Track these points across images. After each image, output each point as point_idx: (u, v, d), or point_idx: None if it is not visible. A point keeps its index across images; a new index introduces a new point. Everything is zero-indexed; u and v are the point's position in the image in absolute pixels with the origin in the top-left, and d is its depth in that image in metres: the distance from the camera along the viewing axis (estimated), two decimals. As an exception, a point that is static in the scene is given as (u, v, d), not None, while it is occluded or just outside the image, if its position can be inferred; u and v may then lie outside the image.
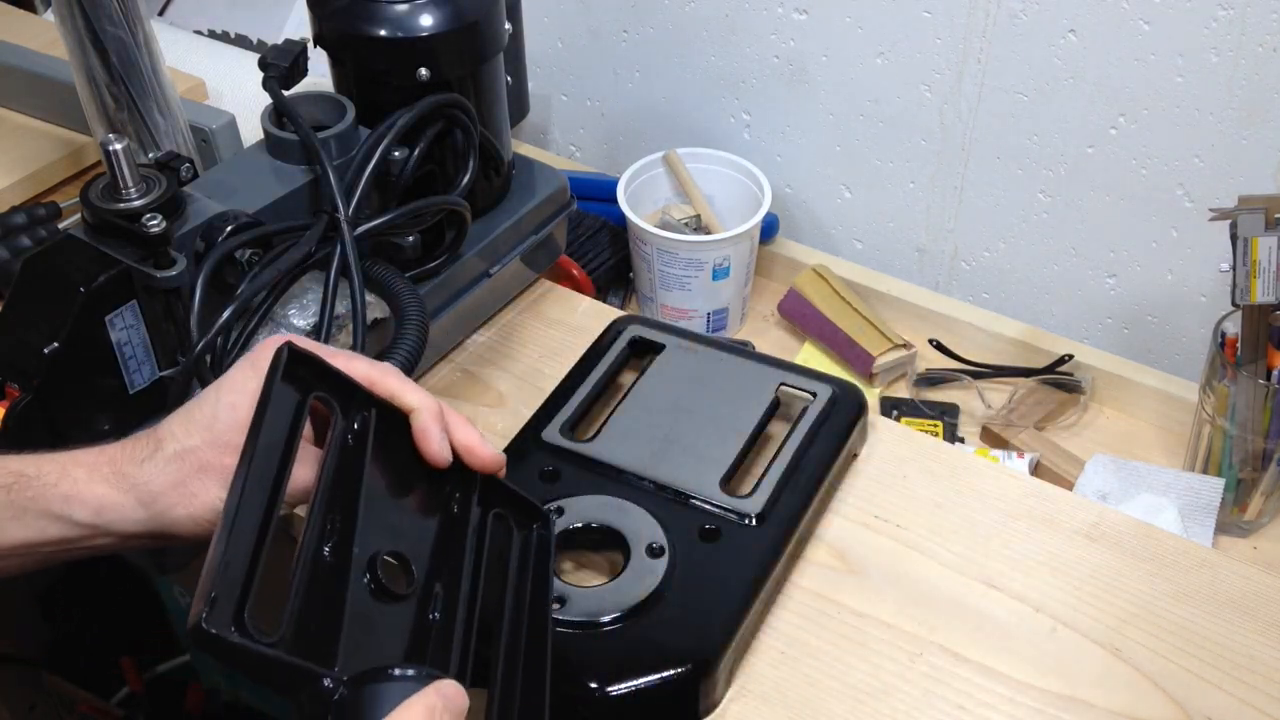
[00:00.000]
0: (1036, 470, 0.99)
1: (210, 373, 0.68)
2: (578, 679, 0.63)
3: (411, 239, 0.78)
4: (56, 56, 1.03)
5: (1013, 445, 1.02)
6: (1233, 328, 0.91)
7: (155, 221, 0.68)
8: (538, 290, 0.93)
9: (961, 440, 1.04)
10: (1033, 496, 0.77)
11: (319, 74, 0.86)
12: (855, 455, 0.79)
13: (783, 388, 0.80)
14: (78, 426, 0.69)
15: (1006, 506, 0.76)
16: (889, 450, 0.80)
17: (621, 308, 1.13)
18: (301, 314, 0.73)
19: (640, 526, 0.70)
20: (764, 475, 0.74)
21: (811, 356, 1.11)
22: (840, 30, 1.07)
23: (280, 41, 0.81)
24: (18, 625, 1.29)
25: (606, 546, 0.71)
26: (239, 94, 1.10)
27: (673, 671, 0.63)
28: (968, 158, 1.08)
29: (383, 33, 0.77)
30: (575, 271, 1.07)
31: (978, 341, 1.11)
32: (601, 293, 1.13)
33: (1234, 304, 0.88)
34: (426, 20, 0.77)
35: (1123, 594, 0.71)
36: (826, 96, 1.12)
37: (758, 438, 0.77)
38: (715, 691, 0.65)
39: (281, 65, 0.79)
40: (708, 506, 0.72)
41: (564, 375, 0.82)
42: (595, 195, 1.14)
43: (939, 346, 1.11)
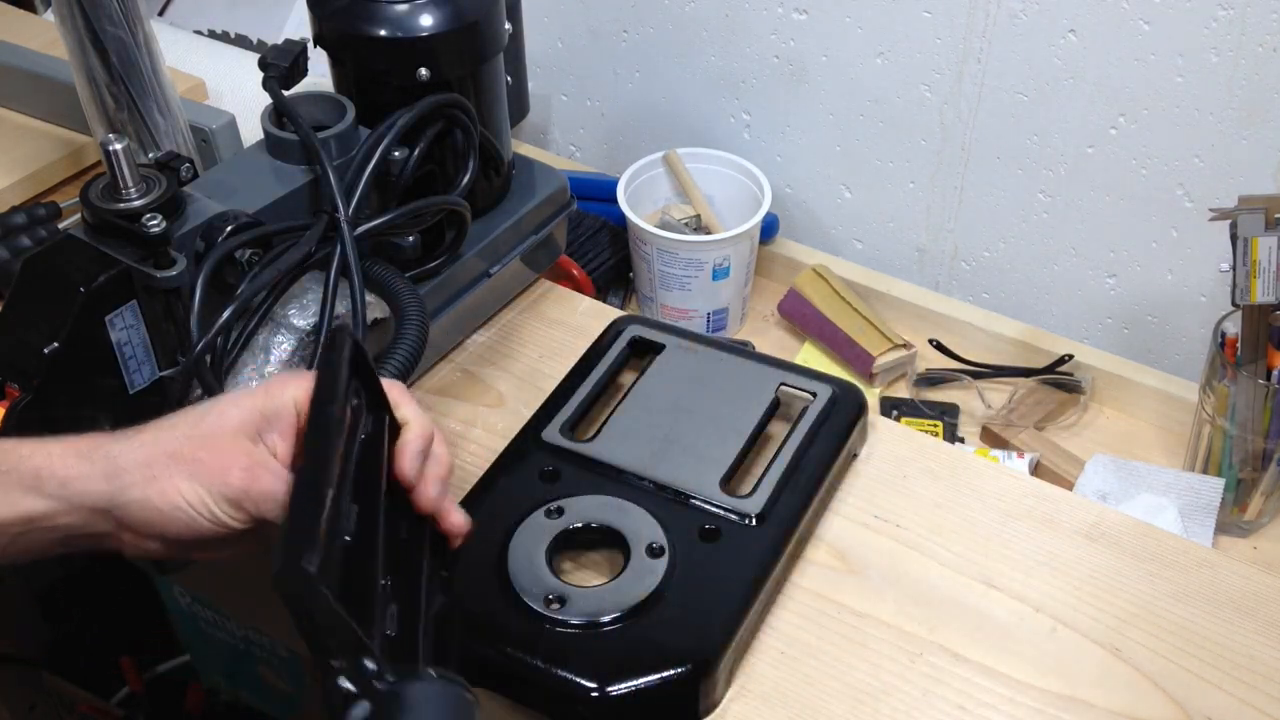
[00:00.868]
0: (1036, 470, 0.99)
1: (210, 373, 0.68)
2: (578, 679, 0.63)
3: (411, 239, 0.78)
4: (56, 56, 1.03)
5: (1013, 445, 1.02)
6: (1233, 328, 0.91)
7: (155, 221, 0.68)
8: (538, 290, 0.93)
9: (961, 440, 1.04)
10: (1033, 496, 0.77)
11: (319, 74, 0.86)
12: (855, 455, 0.79)
13: (783, 388, 0.80)
14: (78, 427, 0.68)
15: (1006, 506, 0.76)
16: (889, 450, 0.80)
17: (621, 308, 1.13)
18: (301, 314, 0.73)
19: (640, 526, 0.70)
20: (764, 475, 0.74)
21: (811, 356, 1.11)
22: (840, 30, 1.07)
23: (280, 41, 0.81)
24: (18, 625, 1.29)
25: (606, 546, 0.71)
26: (239, 94, 1.10)
27: (673, 671, 0.63)
28: (968, 158, 1.08)
29: (383, 33, 0.77)
30: (575, 271, 1.07)
31: (978, 341, 1.11)
32: (601, 293, 1.13)
33: (1234, 304, 0.88)
34: (426, 20, 0.77)
35: (1123, 594, 0.71)
36: (826, 96, 1.12)
37: (758, 438, 0.77)
38: (715, 691, 0.65)
39: (281, 65, 0.79)
40: (708, 506, 0.72)
41: (564, 375, 0.82)
42: (595, 195, 1.14)
43: (939, 346, 1.11)
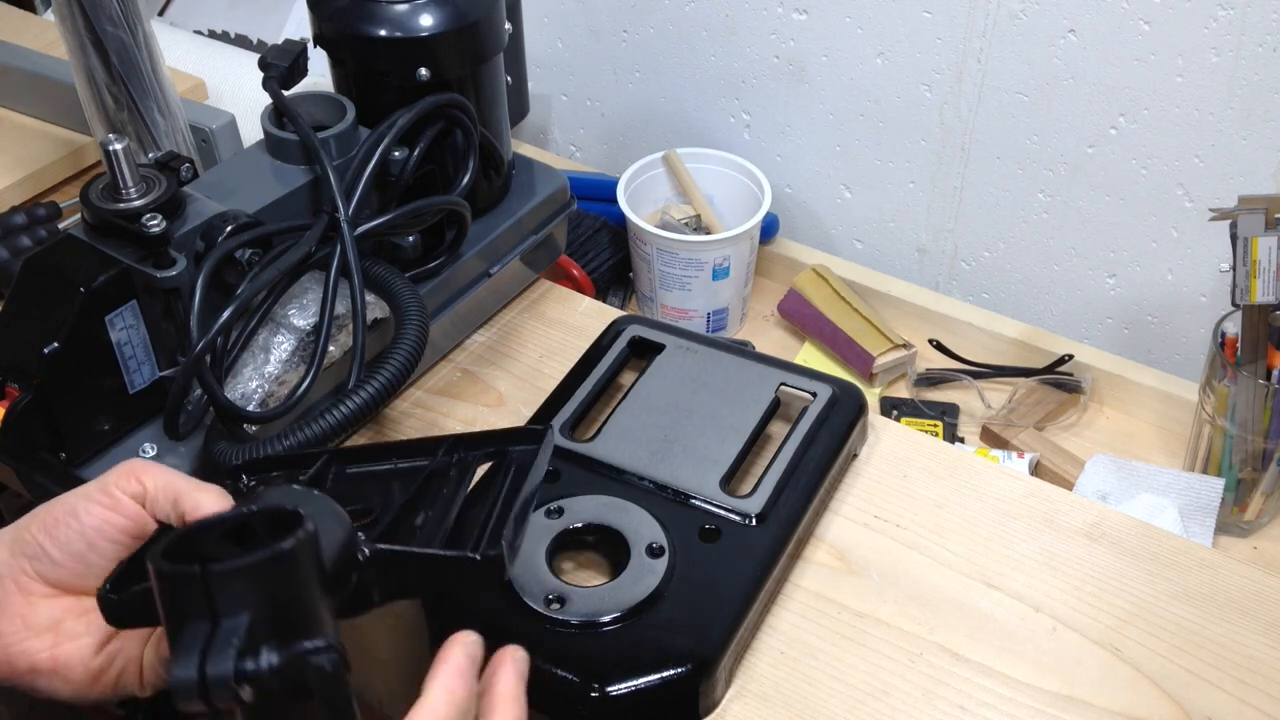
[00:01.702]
0: (1036, 470, 1.00)
1: (210, 373, 0.68)
2: (578, 679, 0.63)
3: (411, 239, 0.78)
4: (56, 56, 1.03)
5: (1013, 445, 1.02)
6: (1233, 328, 0.91)
7: (155, 221, 0.68)
8: (538, 290, 0.93)
9: (961, 440, 1.04)
10: (1033, 496, 0.77)
11: (319, 74, 0.86)
12: (855, 455, 0.79)
13: (783, 388, 0.80)
14: (78, 426, 0.69)
15: (1006, 506, 0.76)
16: (889, 450, 0.80)
17: (621, 308, 1.13)
18: (301, 314, 0.73)
19: (640, 526, 0.70)
20: (764, 475, 0.74)
21: (811, 356, 1.11)
22: (840, 30, 1.07)
23: (280, 41, 0.81)
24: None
25: (606, 546, 0.71)
26: (239, 94, 1.10)
27: (673, 671, 0.63)
28: (968, 158, 1.08)
29: (383, 33, 0.77)
30: (575, 271, 1.07)
31: (978, 341, 1.11)
32: (601, 293, 1.13)
33: (1234, 304, 0.88)
34: (426, 20, 0.77)
35: (1123, 594, 0.71)
36: (826, 96, 1.12)
37: (758, 438, 0.77)
38: (715, 691, 0.65)
39: (281, 65, 0.79)
40: (708, 506, 0.72)
41: (564, 375, 0.82)
42: (595, 195, 1.15)
43: (939, 346, 1.11)
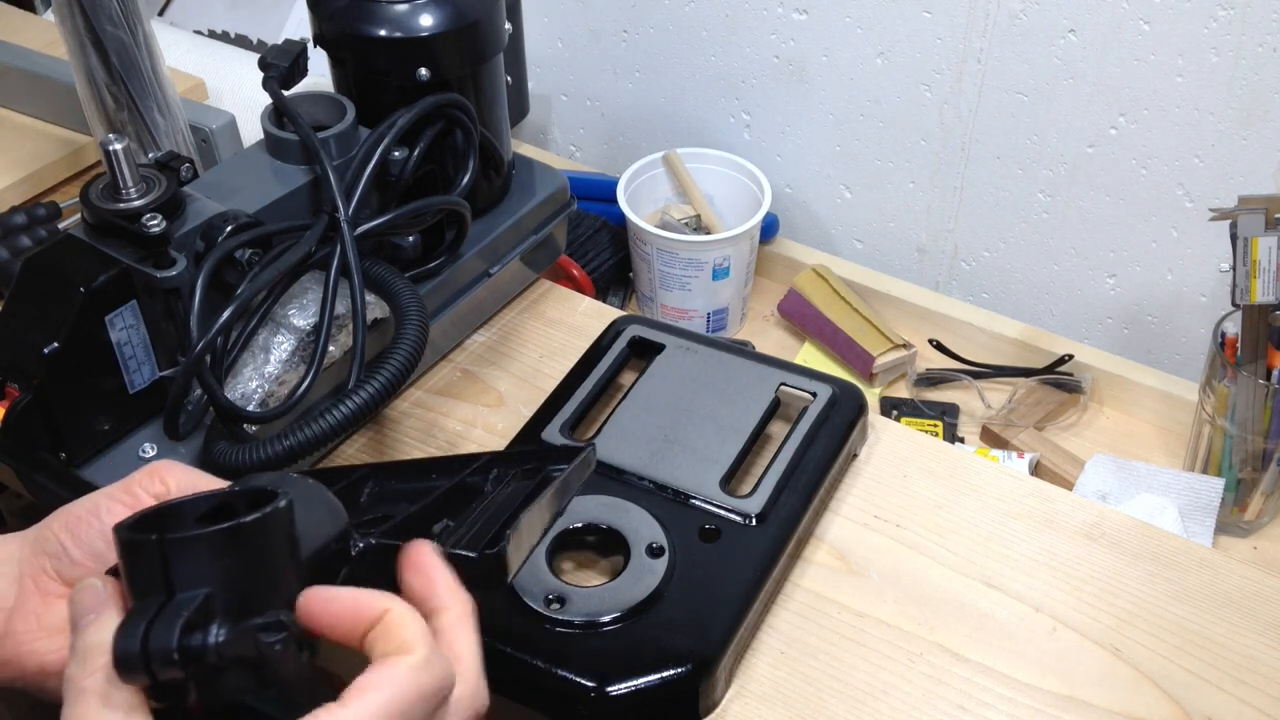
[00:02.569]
0: (1036, 470, 1.00)
1: (210, 373, 0.68)
2: (578, 679, 0.63)
3: (411, 239, 0.78)
4: (56, 56, 1.03)
5: (1013, 445, 1.02)
6: (1233, 328, 0.91)
7: (155, 221, 0.68)
8: (538, 290, 0.93)
9: (961, 440, 1.04)
10: (1033, 496, 0.77)
11: (319, 74, 0.86)
12: (855, 455, 0.79)
13: (783, 388, 0.80)
14: (78, 426, 0.69)
15: (1006, 506, 0.76)
16: (889, 450, 0.80)
17: (621, 308, 1.13)
18: (301, 314, 0.73)
19: (640, 526, 0.70)
20: (764, 475, 0.74)
21: (811, 356, 1.11)
22: (840, 30, 1.07)
23: (280, 41, 0.81)
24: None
25: (606, 546, 0.71)
26: (239, 94, 1.10)
27: (673, 671, 0.63)
28: (968, 158, 1.08)
29: (383, 33, 0.77)
30: (575, 271, 1.07)
31: (978, 341, 1.11)
32: (601, 293, 1.13)
33: (1234, 304, 0.88)
34: (426, 20, 0.77)
35: (1123, 594, 0.71)
36: (826, 96, 1.12)
37: (758, 438, 0.77)
38: (715, 691, 0.65)
39: (281, 65, 0.79)
40: (708, 506, 0.72)
41: (564, 375, 0.82)
42: (595, 195, 1.15)
43: (939, 346, 1.11)
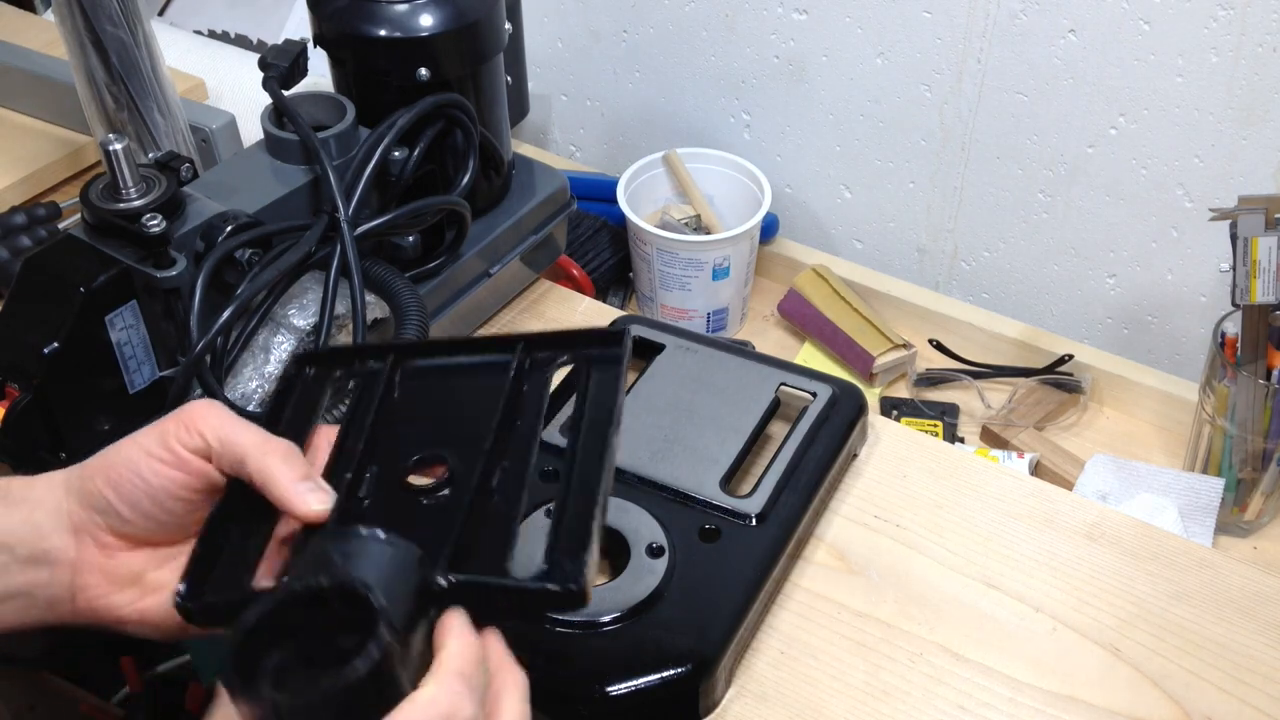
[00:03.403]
0: (1036, 470, 0.99)
1: (210, 373, 0.68)
2: (578, 679, 0.63)
3: (411, 239, 0.78)
4: (56, 56, 1.03)
5: (1013, 445, 1.02)
6: (1233, 328, 0.91)
7: (155, 221, 0.68)
8: (538, 290, 0.93)
9: (961, 440, 1.04)
10: (1033, 496, 0.77)
11: (319, 74, 0.86)
12: (855, 455, 0.79)
13: (783, 388, 0.80)
14: (78, 426, 0.69)
15: (1006, 506, 0.76)
16: (889, 450, 0.80)
17: (621, 308, 1.13)
18: (301, 314, 0.73)
19: (640, 526, 0.70)
20: (764, 475, 0.74)
21: (811, 356, 1.11)
22: (840, 30, 1.07)
23: (280, 41, 0.81)
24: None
25: (606, 546, 0.71)
26: (239, 94, 1.10)
27: (673, 671, 0.63)
28: (968, 158, 1.08)
29: (383, 32, 0.77)
30: (575, 271, 1.07)
31: (978, 341, 1.11)
32: (601, 293, 1.13)
33: (1234, 304, 0.88)
34: (426, 20, 0.77)
35: (1123, 594, 0.71)
36: (826, 96, 1.12)
37: (758, 438, 0.77)
38: (715, 691, 0.65)
39: (281, 65, 0.79)
40: (708, 506, 0.72)
41: (564, 375, 0.82)
42: (595, 195, 1.14)
43: (939, 346, 1.11)
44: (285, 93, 0.79)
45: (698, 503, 0.72)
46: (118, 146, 0.68)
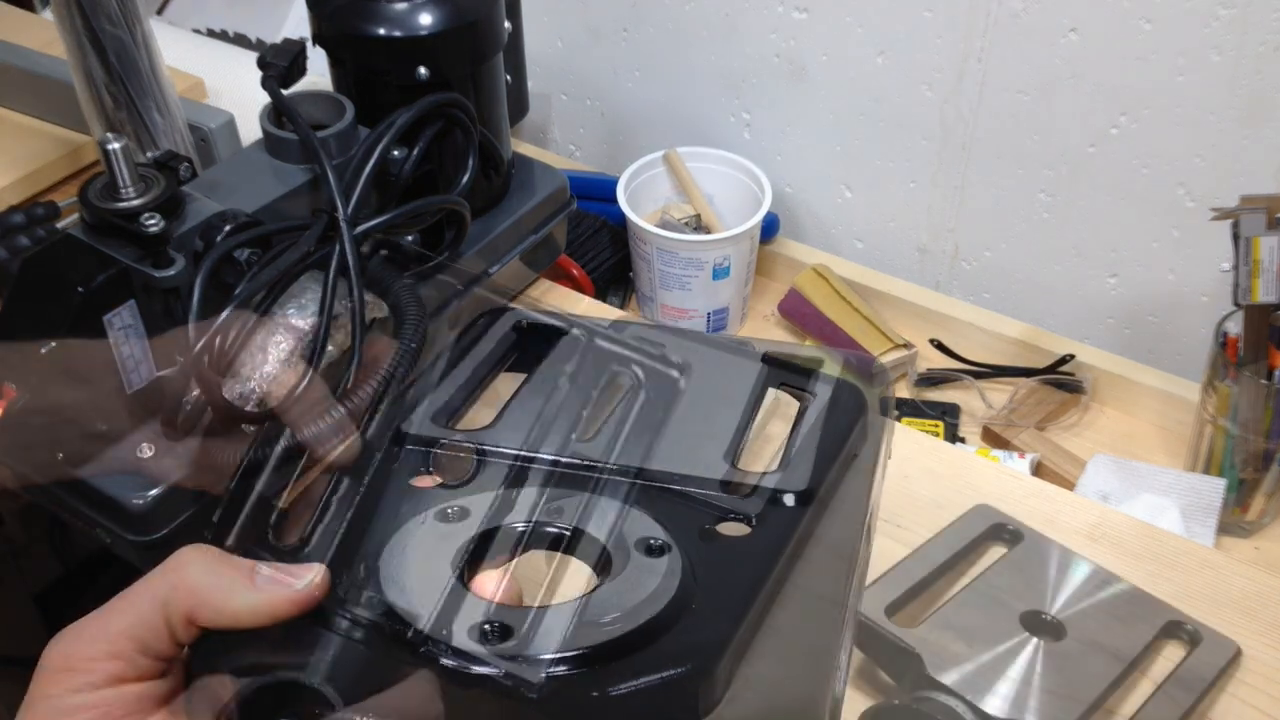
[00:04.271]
0: (1037, 470, 0.99)
1: (210, 373, 0.67)
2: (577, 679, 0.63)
3: (411, 239, 0.78)
4: (55, 56, 1.03)
5: (1013, 445, 1.02)
6: (1234, 327, 0.91)
7: (154, 221, 0.67)
8: (537, 290, 0.93)
9: (962, 440, 1.04)
10: (1034, 497, 0.77)
11: (318, 73, 0.86)
12: (855, 455, 0.79)
13: (783, 387, 0.79)
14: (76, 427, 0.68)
15: (1007, 507, 0.76)
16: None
17: (621, 307, 1.13)
18: (300, 314, 0.73)
19: (639, 526, 0.70)
20: (764, 475, 0.74)
21: (812, 356, 1.11)
22: (840, 30, 1.07)
23: (279, 40, 0.81)
24: (17, 625, 1.28)
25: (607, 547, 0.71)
26: (238, 93, 1.09)
27: (672, 671, 0.63)
28: (969, 157, 1.08)
29: (382, 32, 0.77)
30: (575, 271, 1.07)
31: (978, 341, 1.11)
32: (601, 292, 1.13)
33: (1235, 304, 0.87)
34: (426, 19, 0.77)
35: (1124, 594, 0.71)
36: (826, 96, 1.11)
37: (757, 436, 0.77)
38: (715, 691, 0.65)
39: (280, 64, 0.79)
40: (708, 506, 0.72)
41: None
42: (595, 195, 1.14)
43: (939, 346, 1.11)
44: (284, 92, 0.79)
45: (698, 502, 0.72)
46: (116, 146, 0.68)
